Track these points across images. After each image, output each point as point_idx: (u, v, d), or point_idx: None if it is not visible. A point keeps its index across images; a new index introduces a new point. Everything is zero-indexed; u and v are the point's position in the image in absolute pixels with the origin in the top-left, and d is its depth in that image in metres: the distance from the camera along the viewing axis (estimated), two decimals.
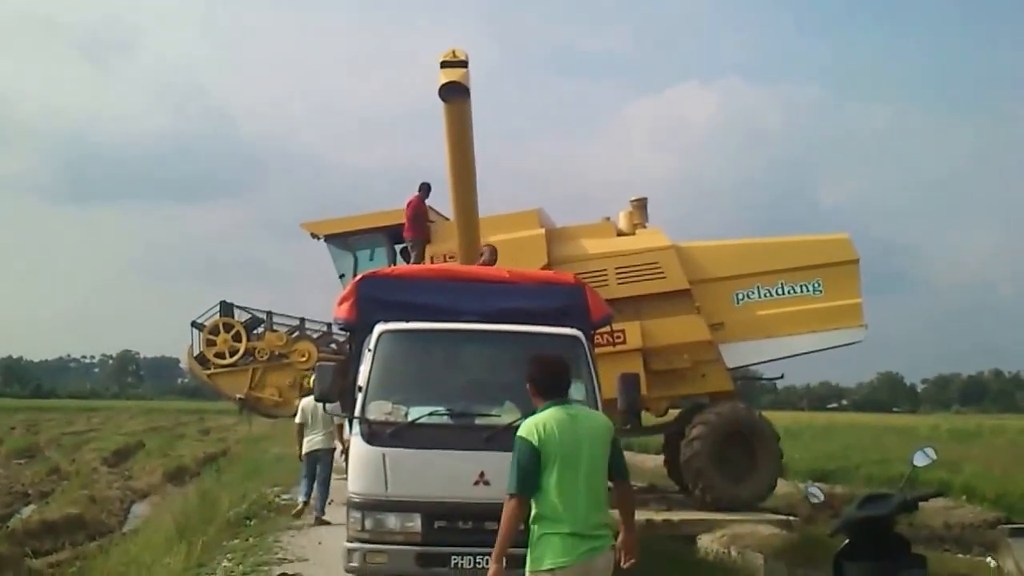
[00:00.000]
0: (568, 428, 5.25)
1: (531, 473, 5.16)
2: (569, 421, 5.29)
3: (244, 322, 17.01)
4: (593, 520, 5.17)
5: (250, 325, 17.08)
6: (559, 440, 5.19)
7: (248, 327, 16.95)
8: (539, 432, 5.21)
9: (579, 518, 5.13)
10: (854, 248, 15.75)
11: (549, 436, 5.19)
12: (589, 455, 5.25)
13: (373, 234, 16.02)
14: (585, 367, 8.33)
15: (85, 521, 19.14)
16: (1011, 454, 29.03)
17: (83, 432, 49.31)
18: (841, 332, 15.40)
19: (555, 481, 5.14)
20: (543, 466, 5.16)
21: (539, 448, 5.16)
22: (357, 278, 9.20)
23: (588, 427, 5.35)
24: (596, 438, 5.33)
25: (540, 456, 5.16)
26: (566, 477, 5.15)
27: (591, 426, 5.38)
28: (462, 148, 11.44)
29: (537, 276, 10.03)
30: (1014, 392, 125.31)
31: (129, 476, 29.72)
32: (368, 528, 7.75)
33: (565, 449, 5.18)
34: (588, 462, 5.23)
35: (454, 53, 10.43)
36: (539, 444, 5.17)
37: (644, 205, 16.45)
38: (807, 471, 25.04)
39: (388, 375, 8.16)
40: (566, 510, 5.12)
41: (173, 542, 12.19)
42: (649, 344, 14.80)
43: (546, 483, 5.16)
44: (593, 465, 5.25)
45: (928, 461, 6.23)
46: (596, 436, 5.34)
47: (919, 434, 39.11)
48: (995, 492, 20.62)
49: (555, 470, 5.15)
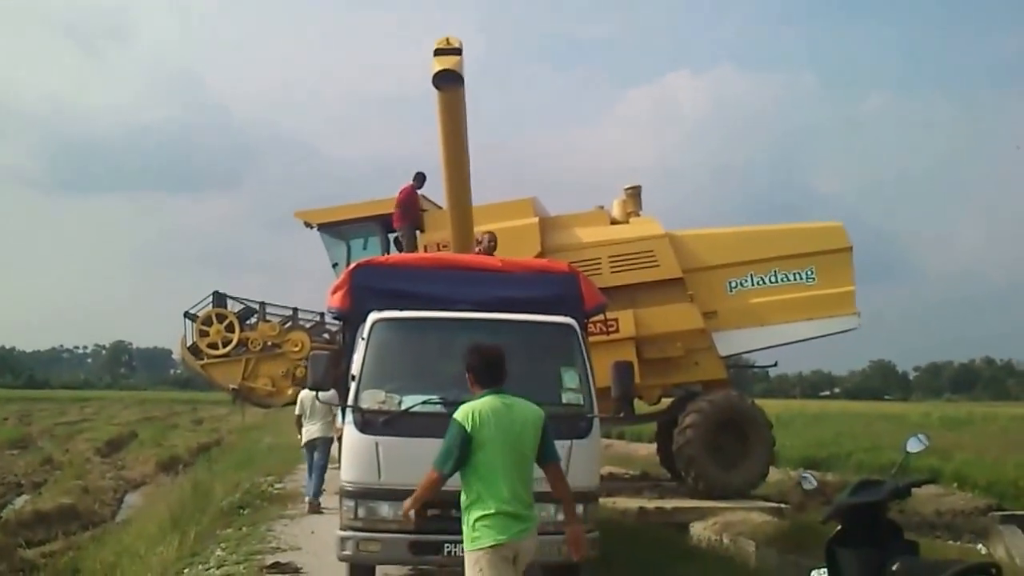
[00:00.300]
0: (503, 416, 5.60)
1: (458, 454, 5.53)
2: (504, 409, 5.64)
3: (237, 312, 16.98)
4: (522, 502, 5.56)
5: (243, 315, 17.05)
6: (493, 426, 5.53)
7: (241, 317, 16.92)
8: (474, 418, 5.55)
9: (509, 500, 5.50)
10: (847, 236, 15.74)
11: (483, 422, 5.53)
12: (520, 442, 5.61)
13: (367, 223, 15.97)
14: (579, 355, 8.36)
15: (78, 511, 19.15)
16: (1002, 441, 29.17)
17: (76, 422, 49.28)
18: (834, 320, 15.40)
19: (488, 465, 5.50)
20: (476, 450, 5.51)
21: (471, 433, 5.51)
22: (351, 267, 9.20)
23: (521, 415, 5.69)
24: (528, 426, 5.67)
25: (472, 440, 5.51)
26: (498, 461, 5.51)
27: (524, 415, 5.71)
28: (456, 136, 11.41)
29: (531, 265, 10.04)
30: (1005, 380, 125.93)
31: (122, 466, 29.73)
32: (361, 516, 7.78)
33: (498, 435, 5.53)
34: (519, 448, 5.61)
35: (448, 41, 10.39)
36: (472, 429, 5.52)
37: (638, 193, 16.44)
38: (799, 459, 25.13)
39: (381, 364, 8.17)
40: (498, 492, 5.49)
41: (166, 532, 12.20)
42: (642, 332, 14.79)
43: (479, 466, 5.52)
44: (524, 451, 5.63)
45: (921, 447, 6.24)
46: (528, 424, 5.68)
47: (910, 422, 39.27)
48: (986, 479, 20.72)
49: (488, 454, 5.50)
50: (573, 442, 8.01)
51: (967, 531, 16.40)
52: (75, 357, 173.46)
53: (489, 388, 5.74)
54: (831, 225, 16.10)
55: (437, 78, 10.39)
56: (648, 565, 10.06)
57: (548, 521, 7.94)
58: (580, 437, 8.09)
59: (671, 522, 13.51)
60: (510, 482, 5.53)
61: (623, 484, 16.75)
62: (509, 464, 5.55)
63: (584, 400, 8.22)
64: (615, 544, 10.11)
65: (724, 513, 13.30)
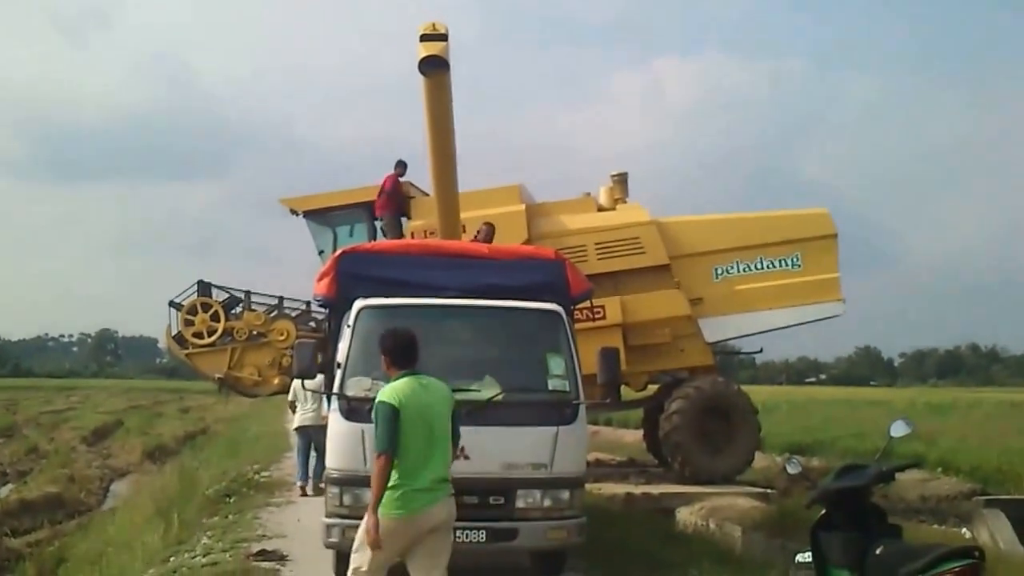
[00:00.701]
0: (420, 395, 5.99)
1: (396, 432, 5.82)
2: (420, 389, 6.02)
3: (222, 301, 16.90)
4: (438, 476, 5.97)
5: (228, 304, 16.98)
6: (413, 405, 5.90)
7: (226, 306, 16.84)
8: (399, 397, 5.89)
9: (426, 474, 5.90)
10: (833, 222, 15.77)
11: (406, 401, 5.89)
12: (437, 419, 6.02)
13: (353, 210, 15.91)
14: (565, 342, 8.38)
15: (64, 500, 19.14)
16: (987, 427, 29.37)
17: (62, 411, 49.15)
18: (820, 306, 15.44)
19: (409, 440, 5.85)
20: (401, 426, 5.84)
21: (399, 411, 5.84)
22: (336, 253, 9.17)
23: (436, 395, 6.12)
24: (443, 404, 6.12)
25: (400, 418, 5.83)
26: (418, 438, 5.89)
27: (438, 394, 6.14)
28: (442, 122, 11.38)
29: (517, 251, 10.03)
30: (990, 366, 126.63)
31: (108, 455, 29.71)
32: (347, 504, 7.77)
33: (417, 413, 5.90)
34: (436, 425, 6.01)
35: (434, 26, 10.35)
36: (399, 407, 5.85)
37: (624, 180, 16.42)
38: (785, 444, 25.22)
39: (367, 351, 8.12)
40: (416, 467, 5.87)
41: (152, 520, 12.17)
42: (629, 319, 14.80)
43: (402, 441, 5.85)
44: (441, 428, 6.04)
45: (906, 431, 6.26)
46: (443, 402, 6.13)
47: (896, 408, 39.41)
48: (970, 464, 20.86)
49: (409, 430, 5.85)
50: (559, 428, 8.05)
51: (952, 515, 16.52)
52: (61, 345, 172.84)
53: (405, 370, 6.10)
54: (816, 212, 16.13)
55: (423, 64, 10.36)
56: (635, 550, 10.10)
57: (535, 507, 8.00)
58: (566, 423, 8.12)
59: (658, 507, 13.54)
60: (424, 457, 5.91)
61: (610, 470, 16.79)
62: (424, 440, 5.92)
63: (570, 386, 8.23)
64: (602, 530, 10.14)
65: (710, 498, 13.34)
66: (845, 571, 5.83)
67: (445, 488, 6.05)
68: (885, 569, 5.51)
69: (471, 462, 7.82)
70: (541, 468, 7.97)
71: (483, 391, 8.13)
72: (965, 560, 5.20)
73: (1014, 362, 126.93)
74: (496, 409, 8.00)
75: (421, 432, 5.91)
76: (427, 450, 5.93)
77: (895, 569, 5.40)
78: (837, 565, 5.91)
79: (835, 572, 5.94)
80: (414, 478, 5.85)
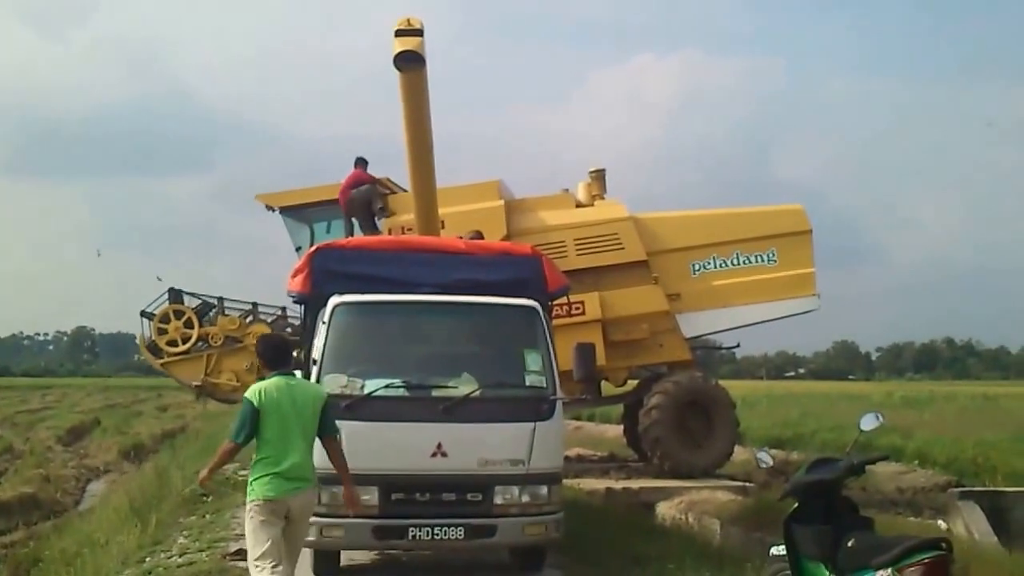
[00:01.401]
0: (285, 393, 6.61)
1: (248, 426, 6.52)
2: (287, 388, 6.65)
3: (195, 308, 16.76)
4: (297, 465, 6.57)
5: (201, 311, 16.82)
6: (277, 402, 6.55)
7: (199, 313, 16.69)
8: (261, 395, 6.55)
9: (285, 464, 6.52)
10: (807, 218, 15.91)
11: (269, 398, 6.54)
12: (299, 415, 6.62)
13: (330, 206, 15.79)
14: (541, 338, 8.36)
15: (39, 501, 18.94)
16: (962, 420, 29.58)
17: (37, 410, 48.62)
18: (795, 301, 15.55)
19: (271, 434, 6.52)
20: (263, 421, 6.51)
21: (259, 407, 6.51)
22: (311, 250, 9.13)
23: (302, 394, 6.75)
24: (307, 402, 6.71)
25: (260, 413, 6.50)
26: (280, 431, 6.53)
27: (304, 393, 6.80)
28: (419, 118, 11.35)
29: (494, 247, 9.99)
30: (966, 359, 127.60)
31: (85, 454, 29.49)
32: (324, 502, 7.72)
33: (281, 409, 6.55)
34: (298, 421, 6.61)
35: (409, 22, 10.31)
36: (259, 404, 6.52)
37: (603, 176, 16.43)
38: (764, 438, 25.28)
39: (343, 348, 8.13)
40: (277, 458, 6.52)
41: (128, 520, 12.07)
42: (608, 315, 14.84)
43: (265, 434, 6.53)
44: (303, 424, 6.64)
45: (876, 424, 6.33)
46: (307, 401, 6.72)
47: (873, 401, 39.73)
48: (946, 457, 21.00)
49: (272, 425, 6.52)
50: (536, 424, 8.05)
51: (927, 507, 16.61)
52: (36, 344, 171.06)
53: (276, 370, 6.77)
54: (792, 208, 16.26)
55: (398, 59, 10.32)
56: (614, 544, 10.10)
57: (512, 503, 8.00)
58: (543, 419, 8.12)
59: (637, 502, 13.61)
60: (288, 450, 6.55)
61: (590, 465, 16.83)
62: (288, 434, 6.56)
63: (547, 382, 8.23)
64: (582, 524, 10.15)
65: (689, 492, 13.40)
66: (818, 563, 5.89)
67: (305, 481, 6.66)
68: (856, 561, 5.58)
69: (449, 459, 7.82)
70: (519, 464, 7.97)
71: (460, 387, 8.13)
72: (933, 552, 5.30)
73: (989, 355, 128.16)
74: (473, 405, 8.00)
75: (280, 427, 6.53)
76: (285, 443, 6.55)
77: (866, 561, 5.48)
78: (810, 557, 5.96)
79: (808, 564, 6.00)
80: (275, 467, 6.51)
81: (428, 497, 7.91)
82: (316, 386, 7.22)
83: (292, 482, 6.54)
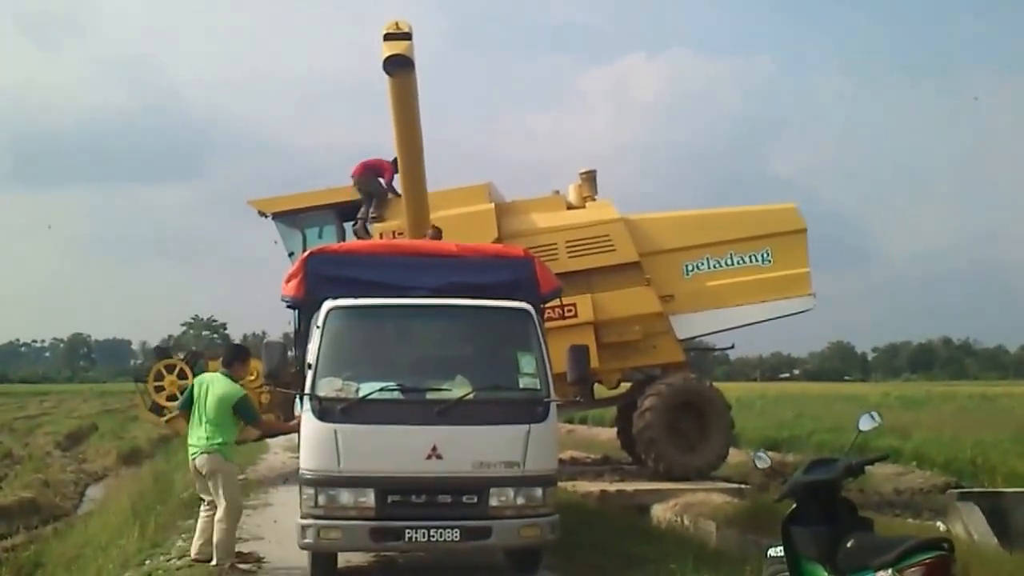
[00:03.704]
0: (202, 388, 9.07)
1: (183, 402, 9.33)
2: (206, 384, 9.11)
3: (184, 358, 16.82)
4: (198, 437, 8.98)
5: (191, 360, 16.89)
6: (196, 393, 9.08)
7: (190, 362, 16.75)
8: (193, 386, 9.29)
9: (192, 438, 9.10)
10: (802, 217, 15.85)
11: (193, 389, 9.18)
12: (203, 405, 8.97)
13: (322, 211, 15.82)
14: (534, 340, 8.39)
15: (39, 505, 18.93)
16: (960, 420, 29.61)
17: (35, 416, 48.53)
18: (790, 301, 15.50)
19: (191, 414, 9.10)
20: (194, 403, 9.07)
21: (190, 393, 9.19)
22: (305, 254, 9.17)
23: (210, 390, 8.98)
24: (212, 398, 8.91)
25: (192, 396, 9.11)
26: (195, 413, 9.05)
27: (213, 391, 8.96)
28: (408, 122, 11.39)
29: (486, 250, 10.02)
30: (963, 359, 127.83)
31: (83, 459, 29.41)
32: (321, 504, 7.79)
33: (197, 399, 9.04)
34: (203, 408, 8.95)
35: (397, 25, 10.34)
36: (189, 391, 9.25)
37: (593, 178, 16.41)
38: (760, 440, 25.29)
39: (338, 351, 8.17)
40: (190, 431, 9.15)
41: (128, 523, 12.10)
42: (601, 317, 14.84)
43: (192, 414, 9.08)
44: (205, 411, 8.93)
45: (874, 425, 6.30)
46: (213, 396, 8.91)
47: (869, 402, 39.76)
48: (944, 457, 21.00)
49: (194, 408, 9.06)
50: (531, 426, 8.07)
51: (926, 509, 16.56)
52: (33, 351, 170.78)
53: (222, 369, 9.27)
54: (785, 207, 16.22)
55: (387, 63, 10.35)
56: (609, 547, 10.14)
57: (508, 505, 8.03)
58: (537, 421, 8.14)
59: (632, 504, 13.60)
60: (193, 427, 9.05)
61: (584, 468, 16.83)
62: (196, 417, 9.04)
63: (540, 384, 8.25)
64: (577, 527, 10.18)
65: (684, 495, 13.40)
66: (817, 564, 5.88)
67: (198, 448, 8.96)
68: (856, 562, 5.56)
69: (444, 461, 7.86)
70: (514, 466, 7.99)
71: (454, 390, 8.16)
72: (935, 552, 5.26)
73: (987, 355, 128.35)
74: (468, 408, 8.03)
75: (195, 410, 9.03)
76: (194, 422, 9.06)
77: (866, 561, 5.46)
78: (809, 559, 5.95)
79: (807, 566, 5.99)
80: (188, 438, 9.20)
81: (424, 499, 7.94)
82: (231, 387, 9.02)
83: (192, 448, 9.05)
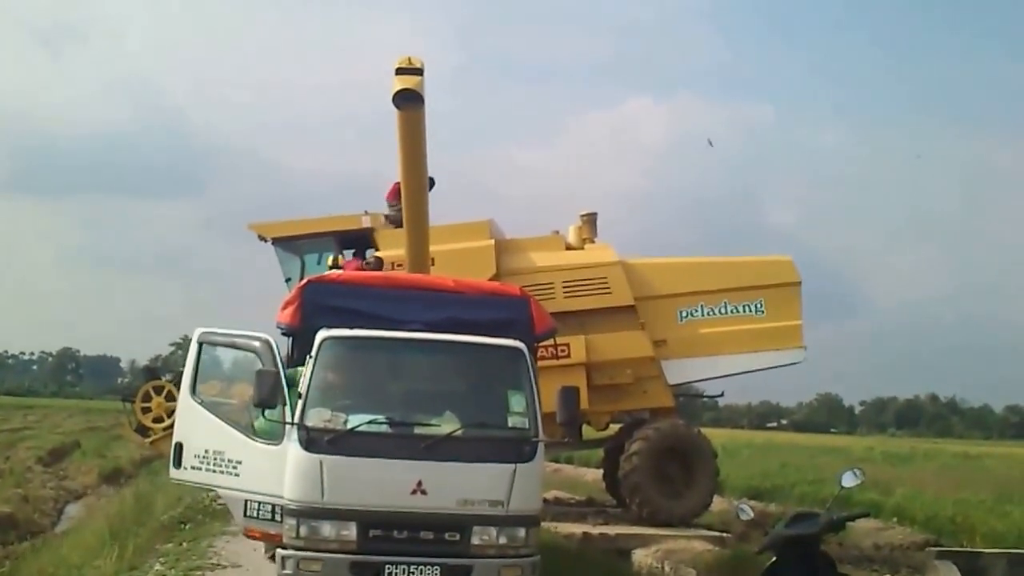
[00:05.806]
0: None
1: None
2: None
3: (172, 379, 16.75)
4: None
5: (178, 381, 16.82)
6: None
7: (178, 384, 16.67)
8: None
9: None
10: (797, 270, 16.00)
11: None
12: None
13: (322, 238, 15.84)
14: (526, 379, 8.39)
15: (16, 520, 18.82)
16: (943, 478, 29.56)
17: (18, 430, 48.23)
18: (781, 353, 15.60)
19: None
20: None
21: None
22: (302, 283, 9.20)
23: None
24: None
25: None
26: None
27: None
28: (415, 156, 11.45)
29: (482, 287, 10.04)
30: (949, 417, 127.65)
31: (64, 476, 29.27)
32: (303, 535, 7.74)
33: None
34: None
35: (410, 60, 10.44)
36: None
37: (594, 220, 16.55)
38: (743, 488, 25.28)
39: (329, 382, 8.17)
40: None
41: (105, 544, 12.04)
42: (593, 358, 14.88)
43: None
44: None
45: (856, 481, 6.36)
46: None
47: (854, 455, 39.71)
48: (925, 515, 20.94)
49: None
50: (517, 466, 8.06)
51: (904, 566, 16.53)
52: (20, 363, 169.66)
53: None
54: (781, 259, 16.36)
55: (397, 98, 10.44)
56: None
57: (490, 544, 8.01)
58: (524, 461, 8.12)
59: (614, 548, 13.55)
60: None
61: (568, 508, 16.78)
62: None
63: (529, 424, 8.25)
64: (558, 569, 10.14)
65: (667, 541, 13.37)
66: None
67: None
68: None
69: (428, 497, 7.84)
70: (498, 505, 7.96)
71: (442, 425, 8.17)
72: None
73: (972, 414, 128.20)
74: (454, 444, 8.01)
75: None
76: None
77: None
78: None
79: None
80: None
81: (406, 535, 7.90)
82: None
83: None
